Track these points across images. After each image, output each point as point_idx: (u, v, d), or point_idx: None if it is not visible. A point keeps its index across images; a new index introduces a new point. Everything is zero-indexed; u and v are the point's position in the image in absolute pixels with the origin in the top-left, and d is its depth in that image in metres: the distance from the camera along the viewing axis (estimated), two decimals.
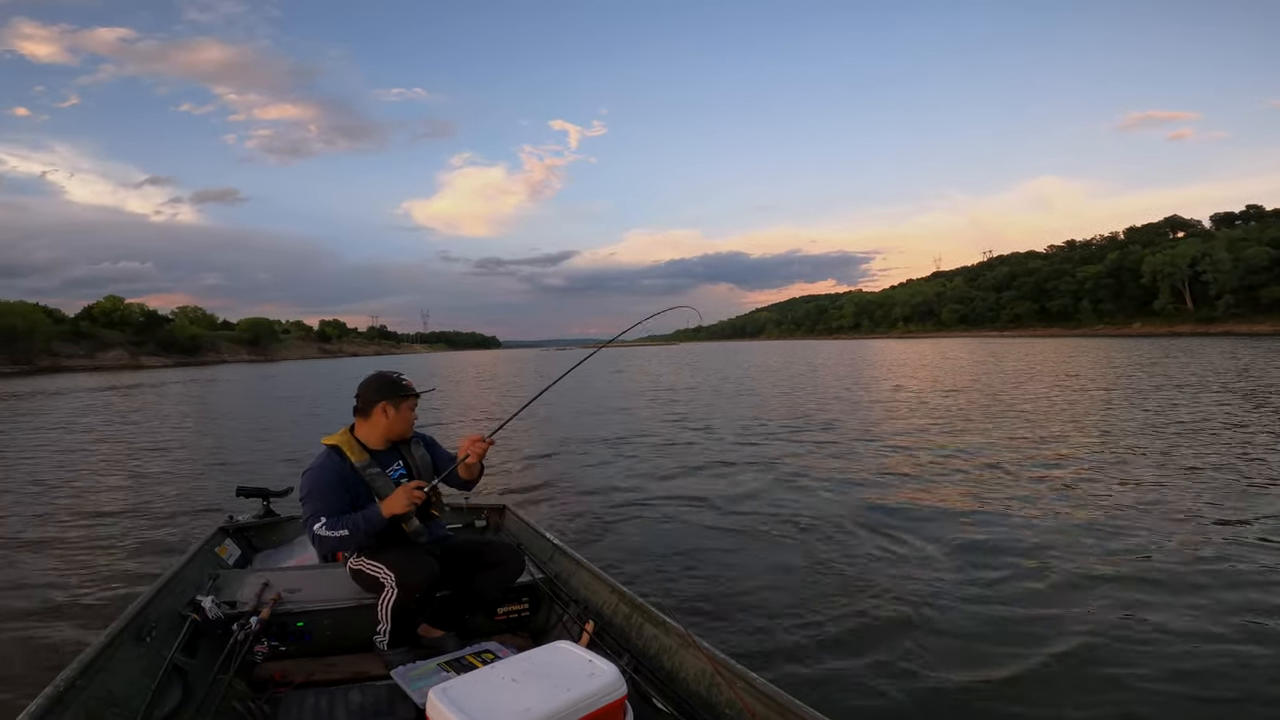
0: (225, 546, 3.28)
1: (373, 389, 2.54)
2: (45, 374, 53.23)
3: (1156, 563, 3.92)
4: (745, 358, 46.04)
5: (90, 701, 1.71)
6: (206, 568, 2.88)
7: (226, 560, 3.18)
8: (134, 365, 69.18)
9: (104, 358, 70.65)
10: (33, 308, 69.55)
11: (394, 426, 2.55)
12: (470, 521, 3.69)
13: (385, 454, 2.57)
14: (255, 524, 3.60)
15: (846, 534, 4.65)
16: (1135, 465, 6.57)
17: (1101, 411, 10.73)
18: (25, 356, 60.97)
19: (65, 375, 49.90)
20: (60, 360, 64.82)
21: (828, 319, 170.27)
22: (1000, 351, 37.63)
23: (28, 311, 66.59)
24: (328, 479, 2.40)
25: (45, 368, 60.31)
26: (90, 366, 64.78)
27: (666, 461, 7.73)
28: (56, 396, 23.85)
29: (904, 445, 8.29)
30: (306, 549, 3.27)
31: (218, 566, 2.98)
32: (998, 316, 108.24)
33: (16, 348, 60.77)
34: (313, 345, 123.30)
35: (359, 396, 2.57)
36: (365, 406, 2.54)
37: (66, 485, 7.17)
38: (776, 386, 19.22)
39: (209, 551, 3.11)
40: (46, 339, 66.03)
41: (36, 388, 31.14)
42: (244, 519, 3.61)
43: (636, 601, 2.36)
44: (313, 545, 2.46)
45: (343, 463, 2.45)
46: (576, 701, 1.57)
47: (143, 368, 65.35)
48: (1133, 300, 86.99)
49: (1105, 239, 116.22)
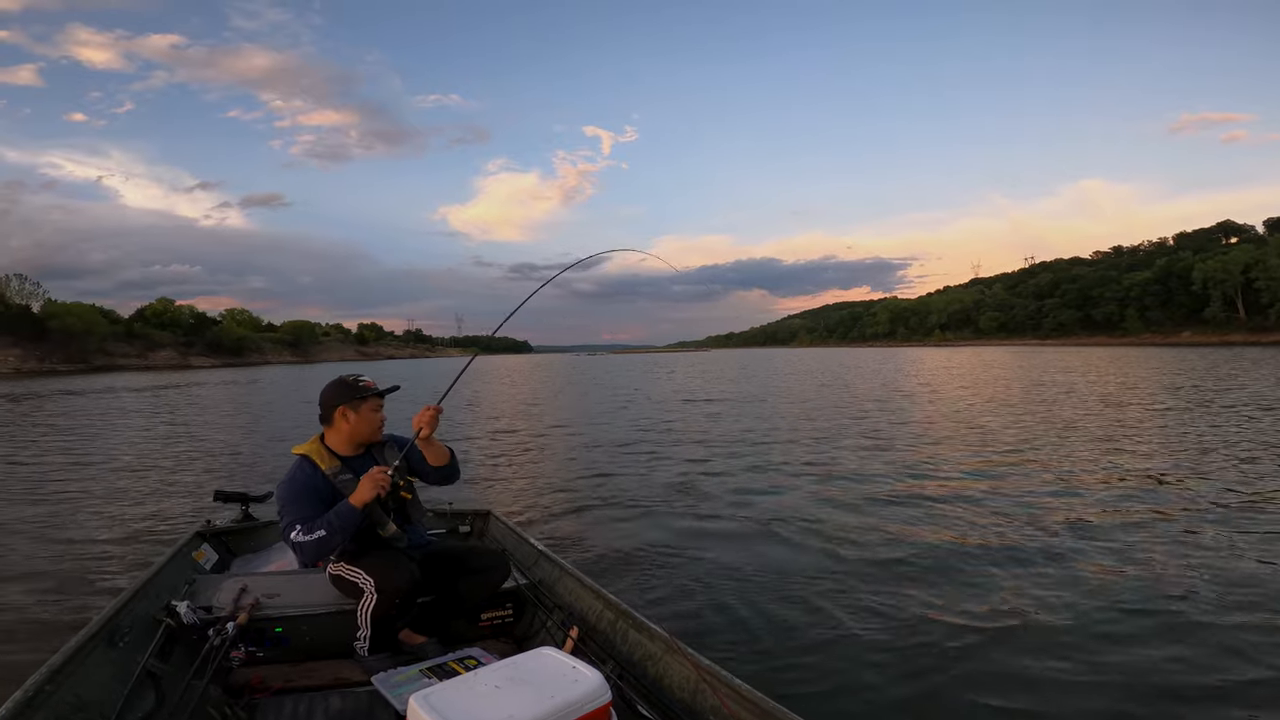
0: (202, 551, 3.23)
1: (330, 394, 2.51)
2: (100, 372, 55.61)
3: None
4: (778, 364, 45.56)
5: (60, 707, 1.68)
6: (183, 572, 2.85)
7: (203, 565, 3.13)
8: (183, 365, 72.13)
9: (155, 358, 73.87)
10: (90, 309, 73.04)
11: (358, 429, 2.50)
12: (455, 527, 3.65)
13: (357, 459, 2.53)
14: (233, 528, 3.55)
15: (859, 544, 4.63)
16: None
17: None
18: (81, 355, 64.06)
19: (119, 374, 52.08)
20: (115, 360, 67.96)
21: (862, 326, 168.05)
22: (1051, 362, 35.90)
23: (85, 313, 70.06)
24: (298, 489, 2.37)
25: (100, 366, 63.15)
26: (142, 366, 67.73)
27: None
28: (123, 393, 24.93)
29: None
30: (285, 554, 3.26)
31: (194, 571, 2.95)
32: (1039, 325, 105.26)
33: (74, 347, 63.92)
34: (351, 347, 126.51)
35: (320, 404, 2.53)
36: (326, 413, 2.51)
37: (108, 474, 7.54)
38: (819, 399, 19.02)
39: (185, 556, 3.05)
40: (102, 339, 69.27)
41: (94, 385, 32.48)
42: (222, 523, 3.56)
43: (621, 608, 2.34)
44: (295, 555, 2.40)
45: (314, 472, 2.43)
46: (560, 708, 1.55)
47: (191, 368, 68.11)
48: (1182, 308, 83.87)
49: (1154, 245, 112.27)
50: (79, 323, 66.32)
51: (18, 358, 59.00)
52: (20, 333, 61.44)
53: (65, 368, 58.82)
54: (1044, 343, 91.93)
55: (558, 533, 5.16)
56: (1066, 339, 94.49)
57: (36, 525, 5.58)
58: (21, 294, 68.36)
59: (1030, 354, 52.46)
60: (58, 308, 68.13)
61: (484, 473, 7.77)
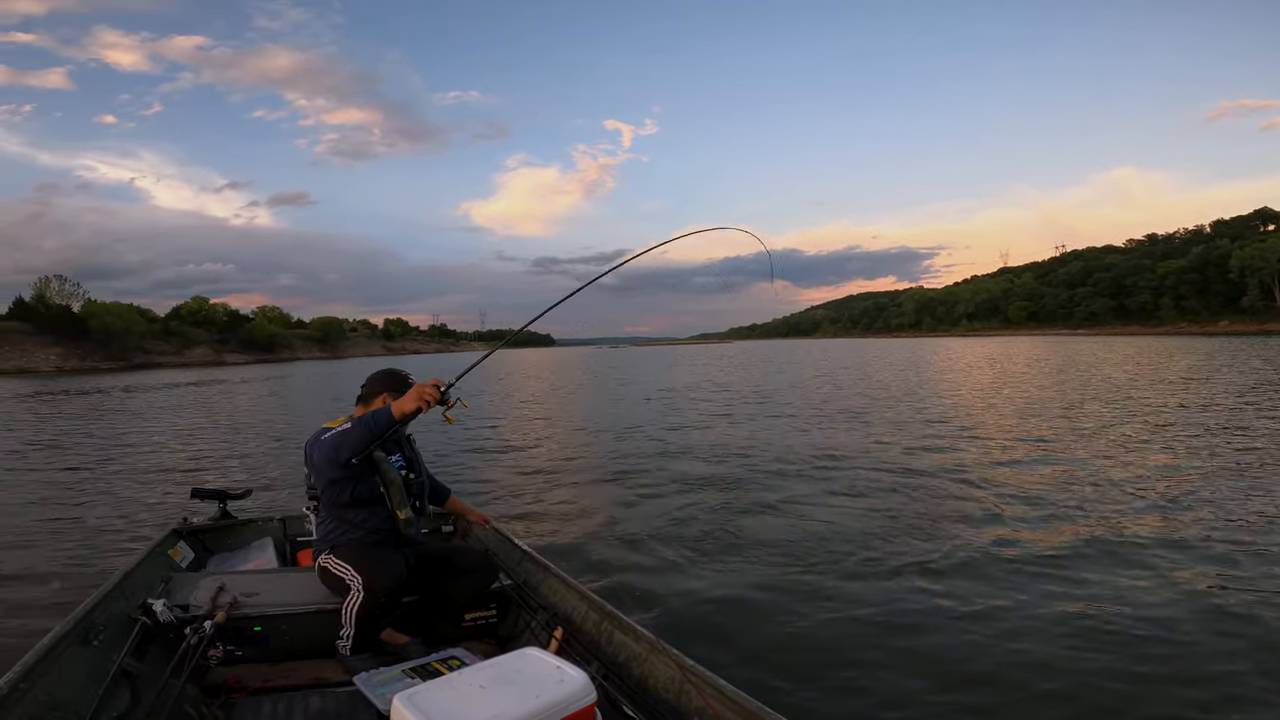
0: (178, 549, 3.19)
1: (380, 380, 2.64)
2: (139, 370, 57.25)
3: None
4: (804, 356, 45.19)
5: (33, 706, 1.66)
6: (158, 570, 2.81)
7: (179, 563, 3.10)
8: (218, 362, 74.25)
9: (191, 355, 76.07)
10: (128, 308, 75.29)
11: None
12: (437, 527, 3.62)
13: (387, 443, 2.54)
14: (210, 526, 3.50)
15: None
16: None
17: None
18: (121, 354, 66.21)
19: (157, 371, 53.46)
20: (153, 357, 70.07)
21: (886, 316, 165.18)
22: (1086, 351, 34.86)
23: (123, 312, 72.29)
24: (346, 431, 2.36)
25: (139, 364, 65.16)
26: (179, 363, 69.71)
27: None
28: (171, 389, 25.71)
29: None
30: (263, 553, 3.26)
31: (170, 569, 2.92)
32: (1070, 314, 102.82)
33: (113, 345, 66.09)
34: (378, 343, 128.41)
35: (365, 385, 2.65)
36: (369, 394, 2.62)
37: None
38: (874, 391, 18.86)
39: (161, 554, 3.02)
40: (140, 337, 71.45)
41: (136, 382, 33.33)
42: (199, 520, 3.51)
43: (606, 609, 2.34)
44: (319, 450, 2.36)
45: None
46: (546, 708, 1.55)
47: (225, 364, 70.13)
48: (1218, 297, 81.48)
49: (1189, 232, 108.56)
50: (118, 322, 68.45)
51: (59, 356, 61.12)
52: (61, 332, 63.59)
53: (106, 365, 60.77)
54: (1075, 332, 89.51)
55: (543, 534, 5.12)
56: (1099, 329, 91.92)
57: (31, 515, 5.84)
58: (62, 294, 70.63)
59: (1066, 343, 51.08)
60: (97, 307, 70.31)
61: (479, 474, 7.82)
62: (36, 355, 60.15)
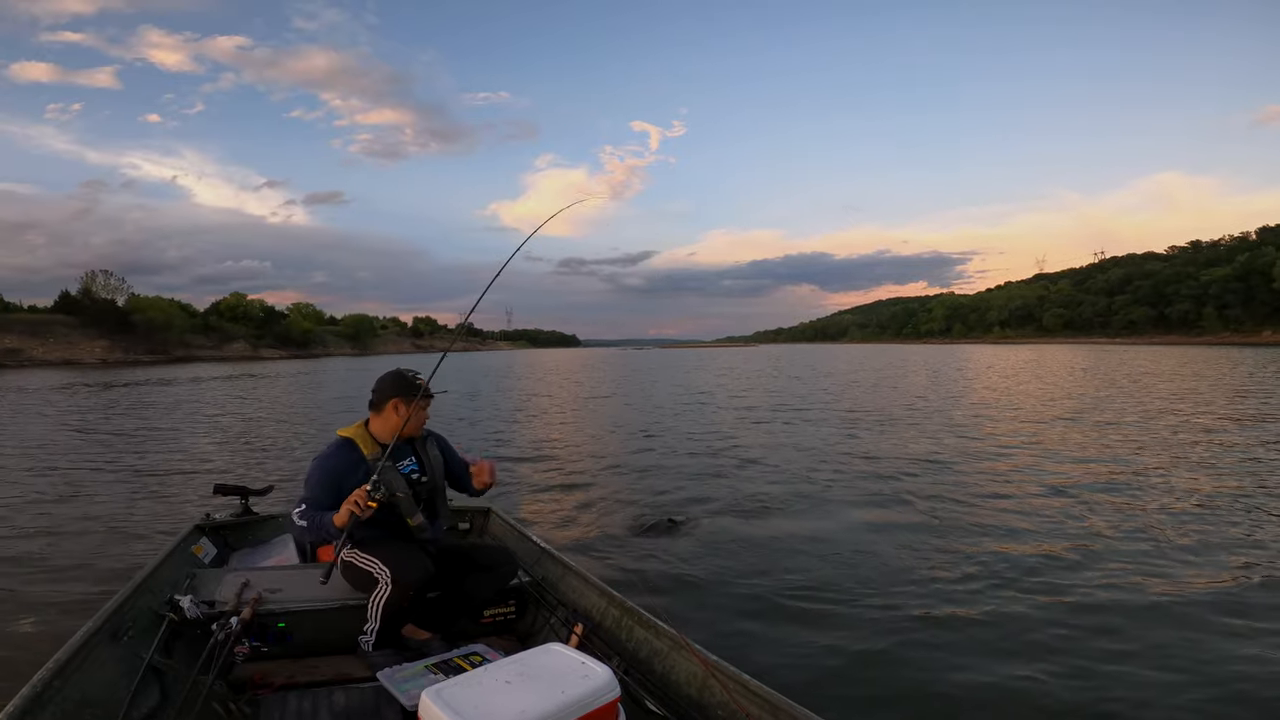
0: (201, 545, 3.22)
1: (388, 385, 2.57)
2: (180, 363, 58.97)
3: None
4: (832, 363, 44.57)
5: (66, 704, 1.67)
6: (182, 566, 2.84)
7: (202, 559, 3.12)
8: (254, 356, 76.45)
9: (229, 349, 78.34)
10: (170, 303, 77.74)
11: (405, 424, 2.54)
12: (454, 524, 3.60)
13: (398, 449, 2.54)
14: (232, 522, 3.52)
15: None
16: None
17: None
18: (163, 347, 68.45)
19: (197, 364, 55.05)
20: (193, 351, 72.37)
21: (916, 322, 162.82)
22: (1133, 360, 32.99)
23: (166, 307, 74.77)
24: (326, 472, 2.44)
25: (179, 357, 67.21)
26: (217, 357, 71.83)
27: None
28: (204, 383, 26.45)
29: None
30: (284, 549, 3.27)
31: (193, 565, 2.95)
32: (1109, 322, 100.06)
33: (156, 339, 68.34)
34: (407, 340, 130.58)
35: (375, 391, 2.59)
36: (379, 401, 2.57)
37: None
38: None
39: (184, 550, 3.04)
40: (181, 332, 73.71)
41: (178, 374, 34.29)
42: (221, 517, 3.53)
43: (627, 605, 2.34)
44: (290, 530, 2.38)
45: (353, 453, 2.49)
46: (571, 703, 1.57)
47: (261, 359, 72.10)
48: (1264, 306, 78.58)
49: (1234, 239, 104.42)
50: (160, 316, 70.79)
51: (104, 349, 63.33)
52: (106, 325, 65.94)
53: (148, 358, 62.82)
54: (1113, 341, 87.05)
55: (561, 531, 5.10)
56: (1138, 338, 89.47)
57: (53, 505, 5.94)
58: (107, 289, 73.21)
59: (1108, 353, 49.28)
60: (141, 302, 72.74)
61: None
62: (82, 347, 62.38)
